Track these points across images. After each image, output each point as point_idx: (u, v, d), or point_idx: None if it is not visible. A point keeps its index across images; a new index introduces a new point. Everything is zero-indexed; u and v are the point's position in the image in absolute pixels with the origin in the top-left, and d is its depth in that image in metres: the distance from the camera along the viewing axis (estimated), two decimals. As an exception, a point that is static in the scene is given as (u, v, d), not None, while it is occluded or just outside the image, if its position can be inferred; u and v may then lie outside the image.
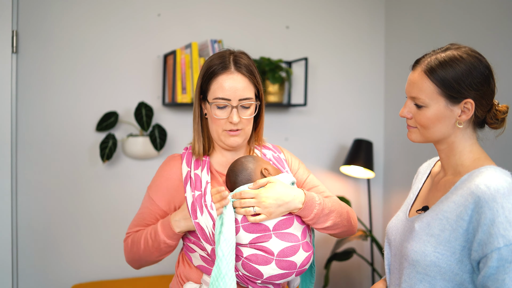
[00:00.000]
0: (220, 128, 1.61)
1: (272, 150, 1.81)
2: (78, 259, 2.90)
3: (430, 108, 1.41)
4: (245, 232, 1.51)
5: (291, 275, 1.53)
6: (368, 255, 3.58)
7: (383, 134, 3.63)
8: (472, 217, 1.29)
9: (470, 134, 1.44)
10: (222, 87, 1.57)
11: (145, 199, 1.71)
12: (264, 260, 1.50)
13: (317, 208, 1.58)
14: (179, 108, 3.08)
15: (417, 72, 1.43)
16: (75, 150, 2.88)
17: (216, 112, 1.59)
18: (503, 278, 1.23)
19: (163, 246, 1.59)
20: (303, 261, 1.53)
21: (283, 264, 1.50)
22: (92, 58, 2.90)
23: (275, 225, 1.52)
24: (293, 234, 1.53)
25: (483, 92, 1.38)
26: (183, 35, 3.08)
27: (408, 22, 3.37)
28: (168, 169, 1.68)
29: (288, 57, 3.32)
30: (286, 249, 1.51)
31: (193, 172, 1.63)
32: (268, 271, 1.50)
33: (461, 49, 1.41)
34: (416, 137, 1.48)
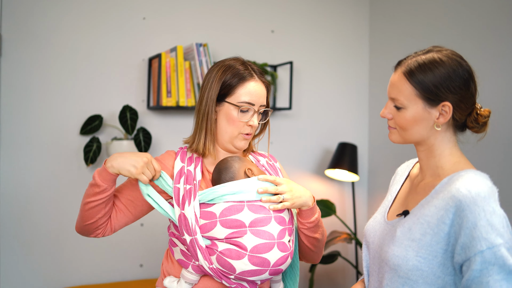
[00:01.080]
0: (236, 131, 1.68)
1: (267, 158, 1.87)
2: (65, 264, 2.88)
3: (408, 109, 1.41)
4: (222, 227, 1.55)
5: (264, 273, 1.54)
6: (352, 258, 3.59)
7: (368, 137, 3.65)
8: (454, 220, 1.29)
9: (450, 137, 1.44)
10: (250, 92, 1.66)
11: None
12: (237, 254, 1.52)
13: (318, 212, 1.69)
14: (164, 111, 3.07)
15: (397, 74, 1.44)
16: (59, 153, 2.86)
17: (238, 115, 1.66)
18: (487, 280, 1.24)
19: (92, 184, 1.57)
20: (278, 260, 1.54)
21: (255, 260, 1.52)
22: (76, 61, 2.88)
23: (252, 222, 1.54)
24: (269, 232, 1.55)
25: (461, 95, 1.38)
26: (168, 39, 3.07)
27: (392, 27, 3.40)
28: (164, 157, 1.74)
29: (273, 61, 3.33)
30: (259, 246, 1.53)
31: (187, 168, 1.69)
32: (241, 266, 1.52)
33: (442, 52, 1.41)
34: (396, 138, 1.49)
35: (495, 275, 1.23)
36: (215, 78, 1.68)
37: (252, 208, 1.57)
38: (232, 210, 1.56)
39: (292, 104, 3.37)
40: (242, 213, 1.55)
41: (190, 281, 1.61)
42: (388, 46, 3.45)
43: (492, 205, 1.28)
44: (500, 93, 2.56)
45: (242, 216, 1.55)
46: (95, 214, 1.61)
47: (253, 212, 1.56)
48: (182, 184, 1.63)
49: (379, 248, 1.48)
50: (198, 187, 1.63)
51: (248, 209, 1.56)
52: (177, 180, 1.65)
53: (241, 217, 1.55)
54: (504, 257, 1.24)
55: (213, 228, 1.55)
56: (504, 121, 2.53)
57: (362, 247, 1.60)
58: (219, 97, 1.67)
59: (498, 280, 1.23)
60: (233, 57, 1.74)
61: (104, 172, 1.56)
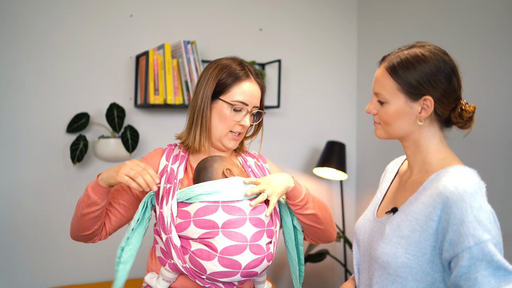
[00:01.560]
0: (227, 129, 1.69)
1: (256, 158, 1.88)
2: (51, 263, 2.85)
3: (391, 104, 1.42)
4: (195, 227, 1.54)
5: (236, 274, 1.53)
6: (341, 256, 3.60)
7: (356, 136, 3.65)
8: (441, 217, 1.29)
9: (435, 132, 1.44)
10: (244, 92, 1.67)
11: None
12: (208, 255, 1.52)
13: (305, 189, 1.69)
14: (151, 109, 3.05)
15: (381, 69, 1.45)
16: (45, 151, 2.83)
17: (232, 114, 1.67)
18: (475, 276, 1.24)
19: (85, 198, 1.59)
20: (250, 263, 1.53)
21: (226, 262, 1.51)
22: (63, 58, 2.85)
23: (225, 223, 1.54)
24: (241, 234, 1.53)
25: (443, 90, 1.38)
26: (155, 36, 3.05)
27: (380, 26, 3.41)
28: (151, 155, 1.76)
29: (261, 59, 3.32)
30: (230, 247, 1.51)
31: (170, 166, 1.70)
32: (211, 267, 1.51)
33: (425, 47, 1.42)
34: (381, 133, 1.50)
35: (483, 270, 1.24)
36: (212, 75, 1.69)
37: (227, 209, 1.56)
38: (206, 210, 1.55)
39: (280, 102, 3.37)
40: (216, 213, 1.54)
41: (168, 279, 1.62)
42: (376, 45, 3.45)
43: (479, 201, 1.28)
44: (486, 89, 2.57)
45: (215, 217, 1.54)
46: (92, 225, 1.64)
47: (227, 213, 1.55)
48: (163, 183, 1.65)
49: (369, 245, 1.47)
50: (178, 186, 1.63)
51: (222, 210, 1.55)
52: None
53: (214, 217, 1.54)
54: (492, 252, 1.24)
55: (187, 228, 1.55)
56: (490, 117, 2.55)
57: (353, 245, 1.60)
58: (214, 94, 1.68)
59: (486, 276, 1.23)
60: (230, 57, 1.76)
61: (96, 186, 1.58)
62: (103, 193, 1.58)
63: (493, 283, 1.23)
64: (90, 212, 1.60)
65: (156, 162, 1.73)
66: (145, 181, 1.51)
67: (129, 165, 1.53)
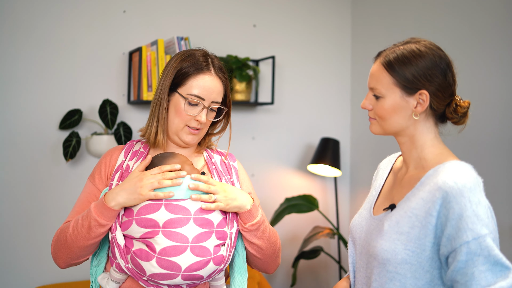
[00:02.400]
0: (182, 123, 1.61)
1: (224, 156, 1.78)
2: (40, 261, 2.83)
3: (387, 98, 1.42)
4: (137, 226, 1.48)
5: (176, 277, 1.46)
6: (335, 253, 3.59)
7: (350, 132, 3.65)
8: (440, 212, 1.29)
9: (430, 127, 1.44)
10: (200, 86, 1.58)
11: (84, 187, 1.69)
12: (146, 256, 1.46)
13: (259, 217, 1.60)
14: (144, 105, 3.03)
15: (376, 64, 1.46)
16: (37, 148, 2.81)
17: (186, 108, 1.59)
18: (471, 271, 1.24)
19: (93, 225, 1.49)
20: (192, 265, 1.46)
21: (164, 264, 1.45)
22: (55, 55, 2.83)
23: (166, 222, 1.47)
24: (182, 235, 1.47)
25: (438, 84, 1.39)
26: (149, 32, 3.03)
27: (374, 22, 3.40)
28: (106, 155, 1.70)
29: (255, 56, 3.31)
30: (168, 248, 1.45)
31: (127, 162, 1.64)
32: (150, 268, 1.45)
33: (420, 42, 1.43)
34: (376, 129, 1.49)
35: (480, 266, 1.23)
36: (172, 66, 1.62)
37: (170, 208, 1.49)
38: (149, 209, 1.49)
39: (274, 99, 3.36)
40: (158, 212, 1.48)
41: (116, 280, 1.55)
42: (370, 41, 3.45)
43: (478, 196, 1.28)
44: (481, 85, 2.58)
45: (157, 216, 1.48)
46: (93, 250, 1.57)
47: (170, 212, 1.48)
48: (116, 180, 1.59)
49: (366, 243, 1.47)
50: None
51: (164, 209, 1.48)
52: (113, 177, 1.61)
53: (156, 216, 1.48)
54: (489, 247, 1.24)
55: (129, 226, 1.49)
56: (484, 113, 2.55)
57: (348, 244, 1.59)
58: (172, 86, 1.61)
59: (483, 271, 1.23)
60: (198, 48, 1.68)
61: (107, 211, 1.49)
62: (114, 216, 1.51)
63: (489, 279, 1.23)
64: (97, 236, 1.51)
65: (114, 160, 1.67)
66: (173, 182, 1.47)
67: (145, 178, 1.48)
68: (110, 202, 1.48)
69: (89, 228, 1.49)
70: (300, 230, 3.49)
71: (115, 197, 1.48)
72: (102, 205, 1.49)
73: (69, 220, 1.62)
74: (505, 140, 2.46)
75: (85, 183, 2.85)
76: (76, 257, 1.57)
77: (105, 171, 1.66)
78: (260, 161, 3.36)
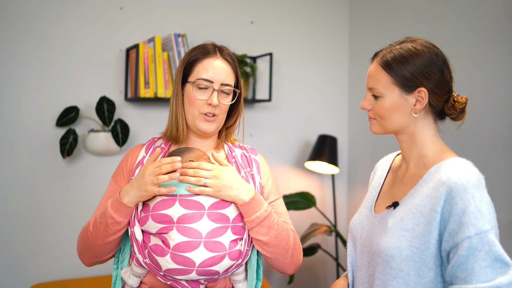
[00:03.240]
0: (197, 111, 1.61)
1: (245, 150, 1.77)
2: (37, 258, 2.82)
3: (386, 98, 1.44)
4: (153, 221, 1.50)
5: (191, 272, 1.47)
6: (333, 250, 3.60)
7: (347, 130, 3.65)
8: (444, 208, 1.30)
9: (430, 124, 1.46)
10: (205, 69, 1.60)
11: (108, 186, 1.72)
12: (161, 251, 1.47)
13: (260, 213, 1.52)
14: (142, 103, 3.02)
15: (374, 64, 1.48)
16: (34, 145, 2.79)
17: (196, 93, 1.60)
18: (472, 267, 1.24)
19: (109, 222, 1.51)
20: (206, 260, 1.47)
21: (178, 259, 1.46)
22: (52, 52, 2.82)
23: (180, 218, 1.48)
24: (196, 230, 1.47)
25: (436, 81, 1.40)
26: (146, 29, 3.02)
27: (372, 20, 3.40)
28: (129, 153, 1.72)
29: (252, 53, 3.30)
30: (182, 244, 1.46)
31: (147, 157, 1.65)
32: (165, 264, 1.47)
33: (416, 41, 1.45)
34: (376, 129, 1.50)
35: (480, 261, 1.24)
36: (183, 60, 1.65)
37: (184, 203, 1.50)
38: (164, 205, 1.50)
39: (272, 96, 3.35)
40: (173, 208, 1.49)
41: (137, 274, 1.57)
42: (368, 39, 3.45)
43: (481, 192, 1.30)
44: (478, 82, 2.58)
45: (171, 211, 1.49)
46: (115, 247, 1.60)
47: (184, 208, 1.49)
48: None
49: (368, 241, 1.47)
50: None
51: (179, 204, 1.50)
52: (133, 172, 1.63)
53: (170, 212, 1.49)
54: (491, 243, 1.24)
55: (146, 222, 1.51)
56: (482, 110, 2.55)
57: (347, 243, 1.59)
58: (183, 79, 1.63)
59: (484, 267, 1.23)
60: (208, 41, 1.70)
61: (122, 208, 1.50)
62: (130, 212, 1.52)
63: (489, 275, 1.23)
64: (114, 233, 1.53)
65: (135, 157, 1.69)
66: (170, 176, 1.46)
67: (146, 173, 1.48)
68: (124, 198, 1.51)
69: (107, 225, 1.52)
70: (298, 227, 3.48)
71: (127, 194, 1.51)
72: (118, 202, 1.51)
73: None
74: (503, 137, 2.46)
75: (82, 180, 2.87)
76: (99, 255, 1.60)
77: (127, 168, 1.68)
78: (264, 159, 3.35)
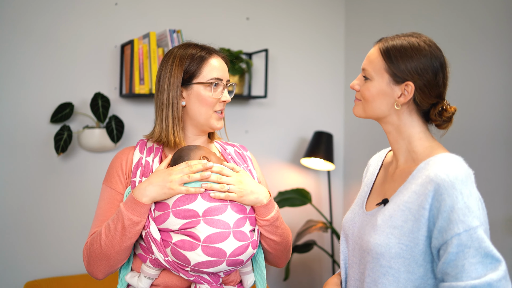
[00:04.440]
0: (211, 109, 1.65)
1: (236, 147, 1.84)
2: (32, 255, 2.81)
3: (374, 82, 1.44)
4: (175, 218, 1.50)
5: (221, 263, 1.49)
6: (328, 247, 3.59)
7: (343, 126, 3.64)
8: (432, 205, 1.29)
9: (416, 122, 1.45)
10: (215, 68, 1.65)
11: (101, 194, 1.68)
12: (190, 245, 1.47)
13: (274, 213, 1.61)
14: (136, 99, 3.01)
15: (375, 48, 1.48)
16: (28, 142, 2.78)
17: (212, 92, 1.64)
18: (462, 263, 1.24)
19: (127, 224, 1.48)
20: (235, 250, 1.50)
21: (210, 251, 1.47)
22: (46, 48, 2.80)
23: (205, 211, 1.50)
24: (224, 221, 1.50)
25: (426, 80, 1.39)
26: (141, 25, 3.01)
27: (367, 16, 3.39)
28: (120, 156, 1.70)
29: (248, 49, 3.29)
30: (213, 235, 1.48)
31: (145, 158, 1.65)
32: (195, 257, 1.47)
33: (421, 37, 1.44)
34: (358, 111, 1.51)
35: (470, 258, 1.23)
36: (174, 66, 1.64)
37: (206, 197, 1.52)
38: (185, 200, 1.51)
39: (268, 92, 3.34)
40: (196, 202, 1.51)
41: (150, 276, 1.56)
42: (364, 35, 3.44)
43: (469, 188, 1.29)
44: (474, 78, 2.57)
45: (195, 206, 1.50)
46: (129, 252, 1.58)
47: (207, 201, 1.51)
48: (138, 177, 1.60)
49: (360, 239, 1.46)
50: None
51: (201, 198, 1.51)
52: (134, 173, 1.62)
53: (194, 206, 1.50)
54: (480, 239, 1.24)
55: (166, 220, 1.51)
56: (476, 106, 2.55)
57: (340, 240, 1.59)
58: (184, 82, 1.64)
59: (474, 264, 1.23)
60: (182, 44, 1.70)
61: (139, 207, 1.50)
62: (146, 211, 1.52)
63: (480, 271, 1.23)
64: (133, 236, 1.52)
65: (129, 159, 1.67)
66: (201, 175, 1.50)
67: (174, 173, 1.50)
68: (141, 198, 1.50)
69: (123, 228, 1.50)
70: (293, 223, 3.48)
71: (145, 192, 1.50)
72: (133, 202, 1.50)
73: (95, 232, 1.60)
74: (498, 133, 2.46)
75: (77, 177, 2.86)
76: (114, 263, 1.56)
77: (124, 172, 1.66)
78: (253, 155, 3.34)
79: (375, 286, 1.38)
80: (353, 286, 1.49)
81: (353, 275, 1.50)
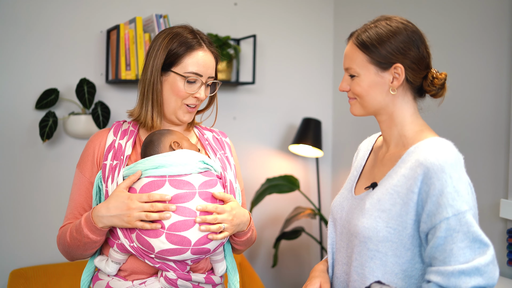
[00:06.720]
0: (180, 101, 1.61)
1: (215, 132, 1.81)
2: (16, 244, 2.78)
3: (362, 76, 1.42)
4: None
5: (185, 252, 1.47)
6: (317, 233, 3.60)
7: (332, 113, 3.63)
8: (421, 189, 1.29)
9: (409, 102, 1.44)
10: (197, 62, 1.59)
11: (74, 178, 1.68)
12: (155, 232, 1.46)
13: (250, 233, 1.69)
14: (123, 85, 2.98)
15: (349, 45, 1.47)
16: (13, 129, 2.74)
17: (185, 87, 1.59)
18: (450, 248, 1.24)
19: (86, 241, 1.53)
20: (200, 239, 1.47)
21: (174, 239, 1.45)
22: (31, 33, 2.76)
23: (173, 198, 1.47)
24: (190, 209, 1.47)
25: (412, 56, 1.39)
26: (127, 10, 2.97)
27: (357, 2, 3.37)
28: (94, 140, 1.68)
29: (236, 35, 3.26)
30: (178, 223, 1.45)
31: (118, 141, 1.63)
32: (159, 245, 1.46)
33: (391, 19, 1.44)
34: (356, 109, 1.49)
35: (459, 242, 1.23)
36: (161, 45, 1.60)
37: (174, 183, 1.49)
38: (153, 186, 1.49)
39: (256, 79, 3.32)
40: (163, 188, 1.48)
41: (117, 261, 1.56)
42: (353, 21, 3.42)
43: (459, 172, 1.29)
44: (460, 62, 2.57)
45: (162, 192, 1.48)
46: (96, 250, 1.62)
47: (175, 188, 1.48)
48: (109, 160, 1.59)
49: (347, 223, 1.46)
50: (124, 163, 1.57)
51: (169, 185, 1.49)
52: (106, 157, 1.60)
53: (161, 192, 1.48)
54: (469, 223, 1.24)
55: None
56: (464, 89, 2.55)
57: (328, 225, 1.58)
58: (165, 66, 1.60)
59: (462, 248, 1.23)
60: (181, 25, 1.67)
61: (97, 231, 1.51)
62: (105, 232, 1.53)
63: (468, 256, 1.23)
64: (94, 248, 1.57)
65: (102, 142, 1.65)
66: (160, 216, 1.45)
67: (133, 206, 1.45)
68: (99, 223, 1.50)
69: (84, 244, 1.54)
70: (281, 210, 3.48)
71: (102, 219, 1.49)
72: (92, 224, 1.50)
73: (69, 222, 1.63)
74: (486, 117, 2.46)
75: (62, 164, 2.83)
76: (81, 257, 1.63)
77: (95, 156, 1.65)
78: (241, 141, 3.33)
79: (362, 270, 1.38)
80: (340, 270, 1.49)
81: (340, 260, 1.50)
